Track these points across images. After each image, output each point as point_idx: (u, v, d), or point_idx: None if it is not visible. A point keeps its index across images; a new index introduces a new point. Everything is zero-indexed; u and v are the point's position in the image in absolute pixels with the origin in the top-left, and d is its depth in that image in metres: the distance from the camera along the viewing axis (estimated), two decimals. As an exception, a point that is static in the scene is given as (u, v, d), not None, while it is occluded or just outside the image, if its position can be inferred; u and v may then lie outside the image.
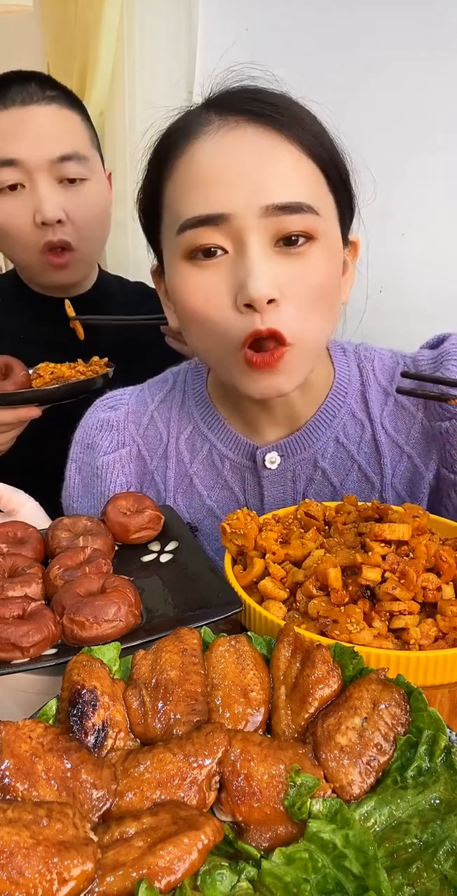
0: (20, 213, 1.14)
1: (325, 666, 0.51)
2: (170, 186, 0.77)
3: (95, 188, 1.18)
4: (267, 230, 0.72)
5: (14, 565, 0.68)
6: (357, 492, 0.88)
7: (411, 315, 1.17)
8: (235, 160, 0.72)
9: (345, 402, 0.89)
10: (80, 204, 1.15)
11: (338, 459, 0.88)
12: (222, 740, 0.45)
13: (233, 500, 0.92)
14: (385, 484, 0.87)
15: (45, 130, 1.11)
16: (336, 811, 0.43)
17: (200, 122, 0.75)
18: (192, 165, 0.74)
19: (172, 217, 0.76)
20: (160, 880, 0.37)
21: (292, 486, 0.89)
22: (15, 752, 0.43)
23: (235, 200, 0.71)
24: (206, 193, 0.72)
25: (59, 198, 1.13)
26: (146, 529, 0.76)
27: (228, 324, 0.74)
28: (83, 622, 0.59)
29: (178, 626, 0.56)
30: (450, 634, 0.61)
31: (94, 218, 1.19)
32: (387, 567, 0.63)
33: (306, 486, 0.89)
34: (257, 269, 0.71)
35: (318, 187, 0.75)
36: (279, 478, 0.89)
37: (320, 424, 0.88)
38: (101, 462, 0.94)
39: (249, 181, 0.71)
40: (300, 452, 0.88)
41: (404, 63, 1.40)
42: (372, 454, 0.88)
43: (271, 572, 0.69)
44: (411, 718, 0.48)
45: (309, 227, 0.73)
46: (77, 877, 0.37)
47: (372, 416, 0.88)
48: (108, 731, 0.48)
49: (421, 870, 0.40)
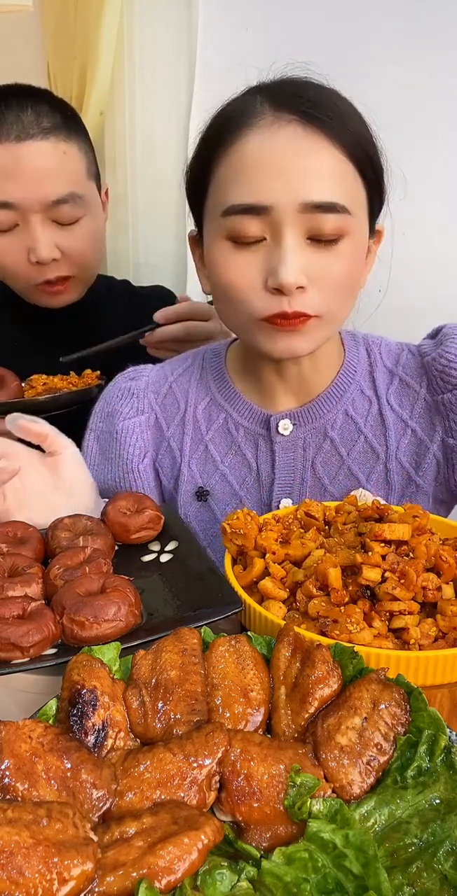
0: (14, 250, 1.14)
1: (325, 666, 0.51)
2: (220, 168, 0.83)
3: (90, 224, 1.18)
4: (302, 224, 0.79)
5: (14, 565, 0.68)
6: (362, 462, 0.94)
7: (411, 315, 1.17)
8: (281, 157, 0.78)
9: (354, 379, 0.96)
10: (74, 240, 1.15)
11: (346, 431, 0.95)
12: (222, 740, 0.45)
13: (245, 466, 0.97)
14: (390, 455, 0.94)
15: (40, 172, 1.09)
16: (336, 811, 0.43)
17: (254, 113, 0.81)
18: (242, 154, 0.80)
19: (219, 198, 0.82)
20: (160, 880, 0.37)
21: (302, 453, 0.95)
22: (15, 752, 0.43)
23: (277, 194, 0.78)
24: (252, 184, 0.79)
25: (53, 236, 1.13)
26: (146, 529, 0.76)
27: (257, 302, 0.81)
28: (83, 622, 0.59)
29: (178, 626, 0.56)
30: (450, 634, 0.61)
31: (89, 249, 1.19)
32: (387, 567, 0.63)
33: (315, 453, 0.95)
34: (290, 259, 0.78)
35: (353, 186, 0.81)
36: (291, 444, 0.95)
37: (331, 398, 0.95)
38: (121, 427, 1.00)
39: (292, 178, 0.78)
40: (312, 422, 0.95)
41: (405, 62, 1.40)
42: (378, 427, 0.94)
43: (271, 572, 0.69)
44: (411, 718, 0.48)
45: (341, 226, 0.80)
46: (77, 877, 0.37)
47: (379, 394, 0.95)
48: (108, 731, 0.48)
49: (421, 870, 0.40)
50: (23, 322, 1.27)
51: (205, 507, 0.98)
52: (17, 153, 1.08)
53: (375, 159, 0.84)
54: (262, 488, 0.96)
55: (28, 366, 1.19)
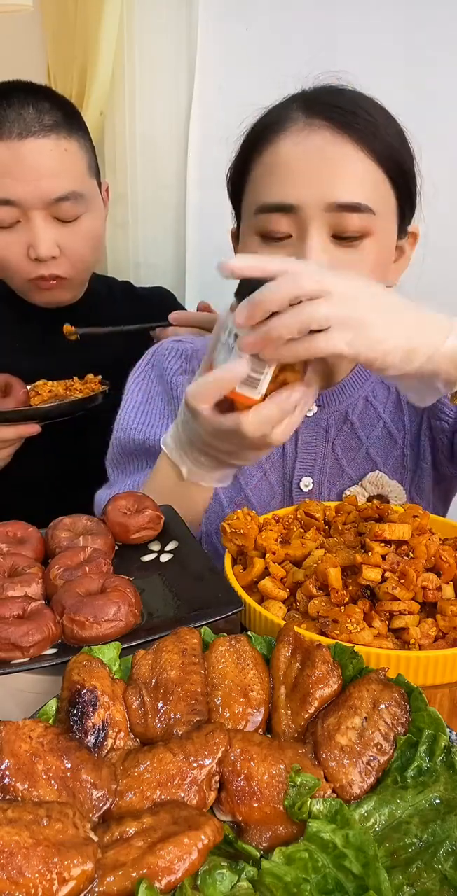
0: (14, 245, 1.14)
1: (325, 666, 0.51)
2: (255, 170, 0.88)
3: (90, 221, 1.18)
4: (327, 223, 0.83)
5: (14, 565, 0.68)
6: (380, 446, 0.99)
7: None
8: (310, 160, 0.83)
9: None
10: (74, 238, 1.15)
11: (366, 415, 1.00)
12: (222, 740, 0.45)
13: None
14: (406, 440, 0.99)
15: (42, 170, 1.09)
16: (336, 811, 0.43)
17: (288, 119, 0.86)
18: (275, 157, 0.85)
19: (253, 198, 0.88)
20: (160, 880, 0.37)
21: (325, 433, 0.99)
22: (15, 752, 0.43)
23: (304, 194, 0.82)
24: (282, 184, 0.84)
25: (53, 234, 1.13)
26: (146, 529, 0.76)
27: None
28: (83, 622, 0.59)
29: (178, 626, 0.56)
30: (450, 634, 0.61)
31: (89, 249, 1.19)
32: (387, 567, 0.63)
33: (336, 435, 1.00)
34: (314, 256, 0.82)
35: (381, 190, 0.85)
36: (314, 425, 0.99)
37: (354, 383, 1.00)
38: (173, 382, 1.03)
39: (319, 180, 0.82)
40: (335, 405, 0.99)
41: (406, 62, 1.40)
42: (396, 413, 1.00)
43: (271, 572, 0.69)
44: (411, 718, 0.48)
45: (365, 227, 0.83)
46: (77, 876, 0.37)
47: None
48: (108, 731, 0.48)
49: (421, 870, 0.40)
50: (24, 322, 1.27)
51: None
52: (18, 151, 1.08)
53: (406, 167, 0.87)
54: (285, 464, 1.00)
55: (30, 367, 1.19)
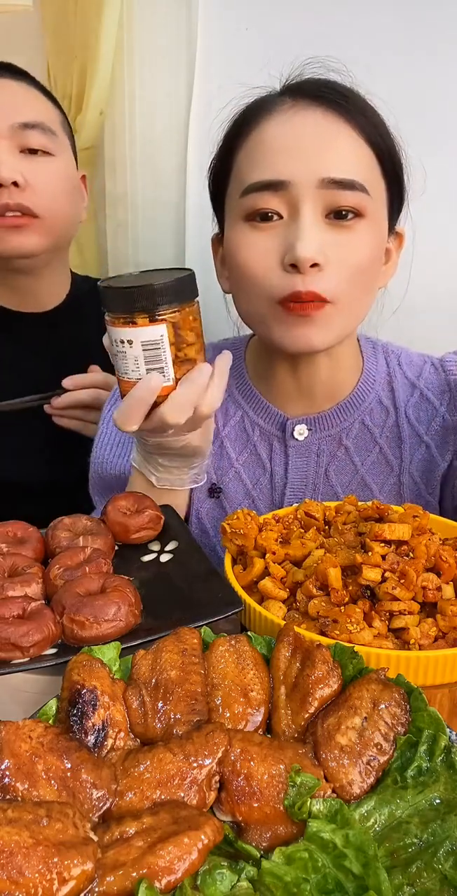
0: None
1: (325, 666, 0.51)
2: (240, 155, 0.84)
3: (61, 166, 1.09)
4: (321, 201, 0.79)
5: (14, 565, 0.68)
6: (377, 472, 0.94)
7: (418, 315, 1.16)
8: (300, 136, 0.79)
9: (373, 388, 0.95)
10: (42, 172, 1.06)
11: (361, 440, 0.94)
12: (222, 740, 0.45)
13: (259, 466, 0.97)
14: (403, 468, 0.94)
15: (8, 98, 1.03)
16: (336, 811, 0.43)
17: (274, 103, 0.83)
18: (262, 137, 0.81)
19: (239, 182, 0.83)
20: (160, 880, 0.37)
21: (316, 459, 0.95)
22: (15, 752, 0.43)
23: (295, 170, 0.78)
24: (271, 161, 0.79)
25: (17, 163, 1.04)
26: (146, 529, 0.76)
27: (272, 281, 0.80)
28: (83, 622, 0.59)
29: (178, 626, 0.56)
30: (450, 634, 0.61)
31: (59, 190, 1.09)
32: (387, 567, 0.63)
33: (329, 461, 0.95)
34: (307, 234, 0.77)
35: (372, 171, 0.82)
36: (305, 450, 0.95)
37: (349, 406, 0.94)
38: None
39: (311, 155, 0.78)
40: (328, 429, 0.94)
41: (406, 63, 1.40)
42: (394, 439, 0.94)
43: (271, 572, 0.69)
44: (411, 718, 0.48)
45: (359, 204, 0.79)
46: (77, 876, 0.37)
47: (397, 405, 0.95)
48: (108, 731, 0.48)
49: (421, 870, 0.40)
50: (3, 331, 1.19)
51: (217, 505, 0.97)
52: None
53: (393, 152, 0.84)
54: (274, 490, 0.96)
55: (10, 376, 1.15)
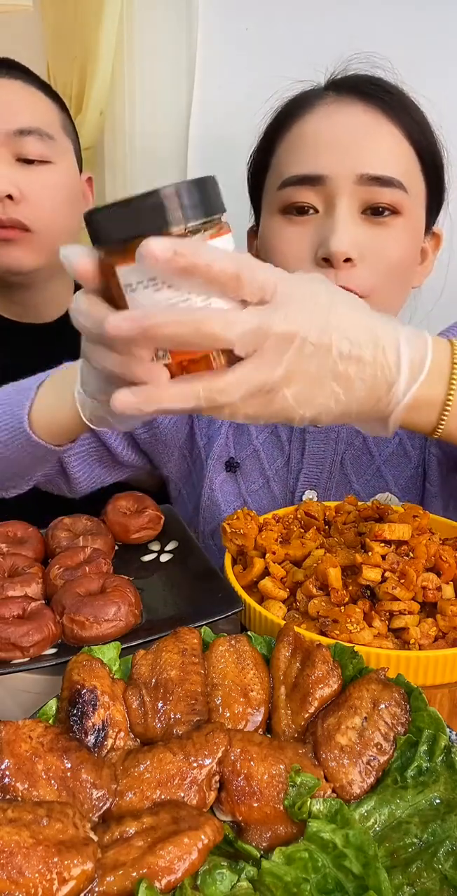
0: None
1: (325, 666, 0.51)
2: (280, 148, 0.84)
3: (59, 175, 1.03)
4: (358, 197, 0.78)
5: (14, 565, 0.68)
6: (394, 464, 0.93)
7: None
8: (341, 131, 0.79)
9: None
10: (38, 183, 1.00)
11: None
12: (222, 740, 0.45)
13: (278, 447, 0.96)
14: (420, 460, 0.93)
15: (3, 101, 0.97)
16: (336, 811, 0.43)
17: (317, 97, 0.83)
18: (302, 130, 0.81)
19: (277, 175, 0.83)
20: (160, 880, 0.37)
21: (334, 445, 0.94)
22: (15, 752, 0.43)
23: (333, 165, 0.78)
24: (309, 155, 0.79)
25: (11, 173, 0.98)
26: (146, 529, 0.76)
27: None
28: (83, 622, 0.59)
29: (178, 626, 0.56)
30: (450, 634, 0.61)
31: (57, 202, 1.03)
32: (387, 567, 0.63)
33: (346, 449, 0.94)
34: (341, 228, 0.77)
35: (411, 169, 0.81)
36: (323, 436, 0.94)
37: None
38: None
39: (350, 150, 0.78)
40: None
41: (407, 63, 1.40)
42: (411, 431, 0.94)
43: (271, 572, 0.69)
44: (411, 718, 0.48)
45: (396, 202, 0.79)
46: (77, 876, 0.37)
47: None
48: (108, 731, 0.48)
49: (421, 870, 0.40)
50: (4, 342, 1.15)
51: (231, 479, 0.96)
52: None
53: (435, 151, 0.84)
54: (289, 474, 0.95)
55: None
